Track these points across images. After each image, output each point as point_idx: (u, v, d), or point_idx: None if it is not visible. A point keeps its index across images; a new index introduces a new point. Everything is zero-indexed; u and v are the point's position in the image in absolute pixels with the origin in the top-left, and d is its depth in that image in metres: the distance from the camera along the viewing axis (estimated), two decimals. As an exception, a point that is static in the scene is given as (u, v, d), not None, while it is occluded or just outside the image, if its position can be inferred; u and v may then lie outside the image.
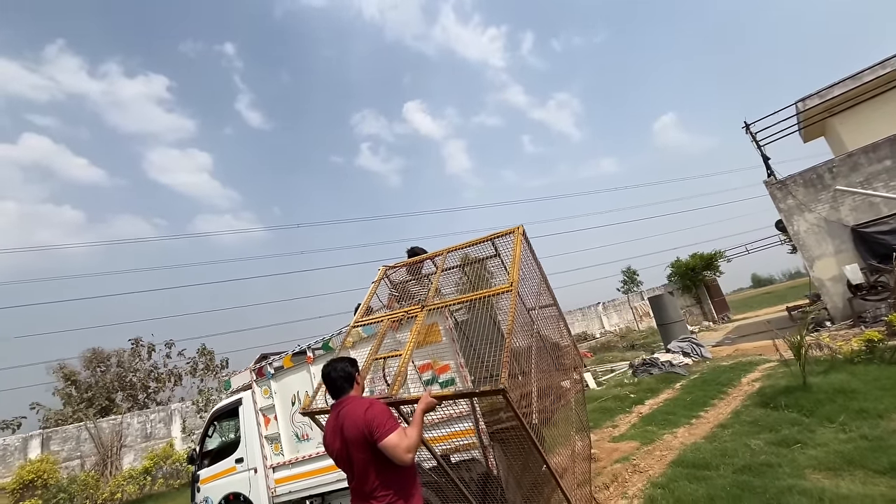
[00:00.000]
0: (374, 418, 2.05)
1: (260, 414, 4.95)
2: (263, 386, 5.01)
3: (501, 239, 3.97)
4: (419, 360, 4.16)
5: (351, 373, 2.32)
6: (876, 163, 9.45)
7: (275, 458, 4.83)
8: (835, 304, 9.76)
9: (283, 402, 4.86)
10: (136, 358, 19.22)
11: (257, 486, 4.86)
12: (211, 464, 5.46)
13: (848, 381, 5.16)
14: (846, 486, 3.12)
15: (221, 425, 5.85)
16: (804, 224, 10.21)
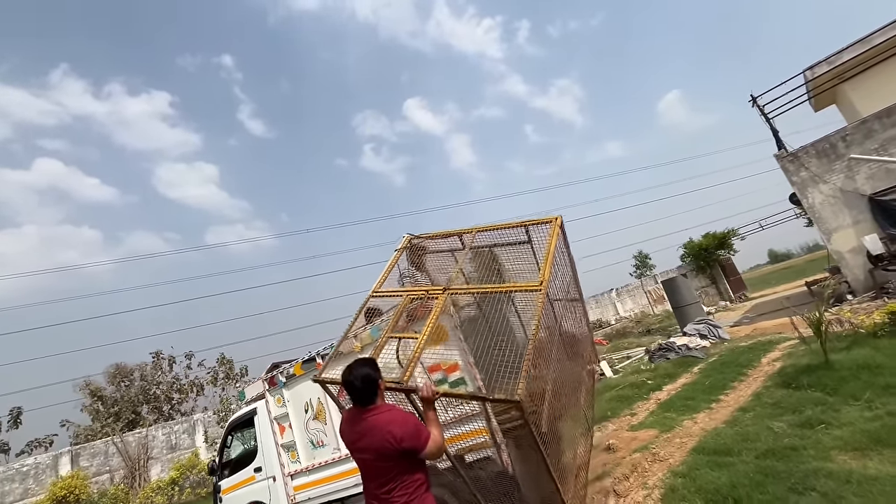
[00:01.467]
0: (410, 435, 2.10)
1: (275, 423, 4.99)
2: (276, 395, 5.04)
3: (536, 227, 3.75)
4: (428, 361, 4.13)
5: (375, 380, 2.25)
6: (891, 128, 9.12)
7: (292, 465, 4.86)
8: (855, 277, 9.48)
9: (297, 409, 4.89)
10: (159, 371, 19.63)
11: (277, 494, 4.90)
12: (231, 474, 5.53)
13: (872, 355, 5.00)
14: (874, 467, 3.01)
15: (239, 435, 5.91)
16: (819, 196, 9.92)
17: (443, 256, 4.26)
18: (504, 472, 3.63)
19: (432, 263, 4.39)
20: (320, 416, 4.68)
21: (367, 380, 2.22)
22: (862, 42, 11.26)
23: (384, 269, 3.90)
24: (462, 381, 3.93)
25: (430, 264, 4.39)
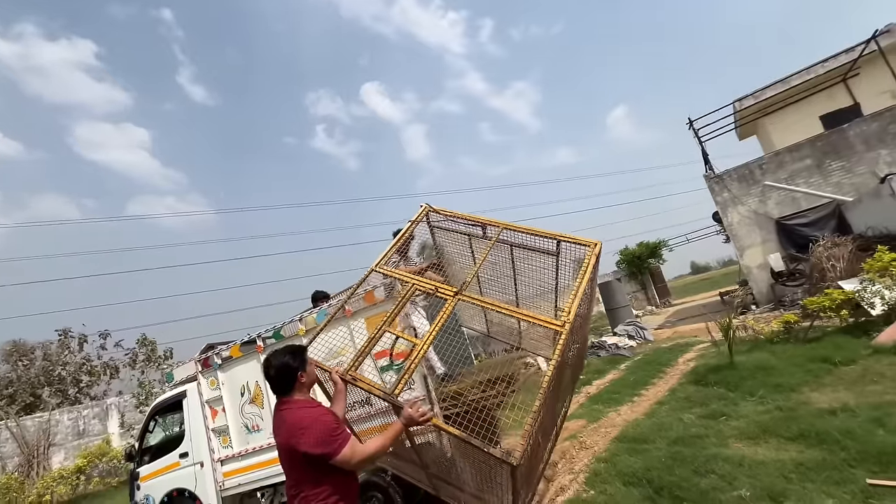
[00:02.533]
0: (318, 440, 1.86)
1: (207, 406, 4.74)
2: (210, 377, 4.79)
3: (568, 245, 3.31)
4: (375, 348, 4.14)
5: (290, 372, 2.04)
6: (798, 161, 10.36)
7: (223, 450, 4.66)
8: (760, 290, 10.70)
9: (232, 393, 4.68)
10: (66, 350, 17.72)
11: (204, 480, 4.68)
12: (152, 460, 5.18)
13: (767, 358, 5.71)
14: (762, 453, 3.47)
15: (163, 419, 5.54)
16: (737, 216, 11.06)
17: (453, 239, 3.91)
18: (444, 455, 3.75)
19: (444, 243, 4.02)
20: (257, 400, 4.52)
21: (282, 370, 2.04)
22: (782, 82, 12.66)
23: (392, 241, 3.46)
24: (408, 368, 3.99)
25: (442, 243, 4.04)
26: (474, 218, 3.56)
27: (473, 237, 3.75)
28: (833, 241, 8.07)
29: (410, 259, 4.60)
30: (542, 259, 3.56)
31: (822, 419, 3.68)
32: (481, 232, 3.56)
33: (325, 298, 5.37)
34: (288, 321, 4.65)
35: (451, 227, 3.84)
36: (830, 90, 12.09)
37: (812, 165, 10.21)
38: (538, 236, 3.31)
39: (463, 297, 2.86)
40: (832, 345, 5.53)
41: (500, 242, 3.41)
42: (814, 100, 12.19)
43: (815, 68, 12.10)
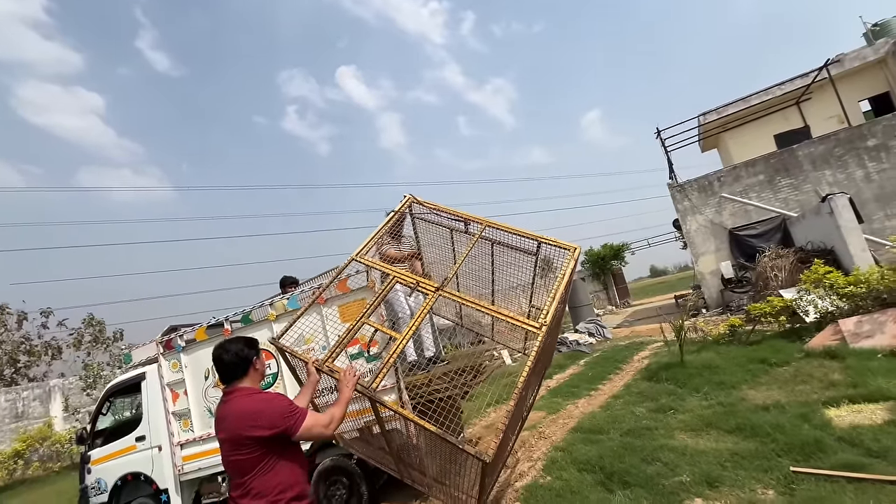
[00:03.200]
0: (274, 414, 1.83)
1: (167, 389, 4.62)
2: (172, 359, 4.67)
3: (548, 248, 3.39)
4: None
5: (246, 356, 2.00)
6: (752, 176, 11.08)
7: (183, 434, 4.57)
8: (711, 295, 11.42)
9: (195, 376, 4.59)
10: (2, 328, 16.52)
11: (161, 464, 4.58)
12: (105, 443, 5.00)
13: (713, 358, 6.15)
14: (703, 443, 3.79)
15: (118, 402, 5.35)
16: (695, 224, 11.71)
17: (433, 231, 3.97)
18: (409, 442, 3.85)
19: (423, 236, 4.10)
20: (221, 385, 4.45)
21: (238, 354, 1.99)
22: (743, 100, 13.43)
23: (374, 230, 3.46)
24: (380, 357, 4.05)
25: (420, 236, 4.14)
26: (457, 213, 3.61)
27: (455, 231, 3.85)
28: (777, 253, 8.73)
29: (402, 242, 4.64)
30: (520, 257, 3.68)
31: (757, 414, 4.04)
32: (463, 227, 3.65)
33: (293, 284, 5.33)
34: (257, 305, 4.60)
35: (433, 219, 3.91)
36: (785, 111, 12.94)
37: (764, 181, 10.94)
38: (519, 236, 3.39)
39: (444, 293, 2.91)
40: (770, 348, 6.03)
41: (482, 239, 3.49)
42: (770, 119, 13.03)
43: (772, 90, 12.92)
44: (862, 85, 12.85)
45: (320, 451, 4.19)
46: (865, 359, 4.85)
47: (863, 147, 9.73)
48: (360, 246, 3.39)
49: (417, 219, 4.11)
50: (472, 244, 3.37)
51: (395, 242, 4.25)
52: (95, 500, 4.82)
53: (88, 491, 4.86)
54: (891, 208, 9.51)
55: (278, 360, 4.35)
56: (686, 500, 2.97)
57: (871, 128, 9.79)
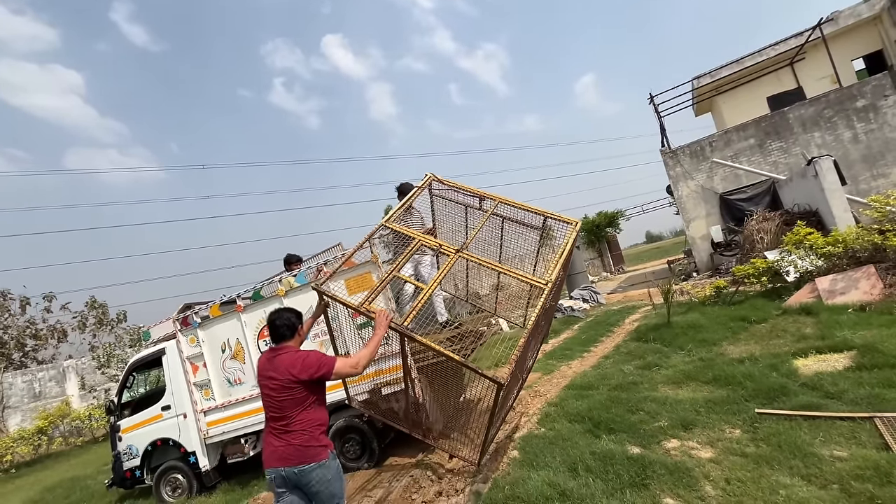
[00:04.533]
0: (313, 363, 2.37)
1: (187, 362, 4.96)
2: (189, 335, 4.98)
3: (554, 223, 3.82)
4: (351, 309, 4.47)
5: (294, 324, 2.59)
6: (744, 140, 11.20)
7: (205, 402, 4.93)
8: (701, 259, 11.77)
9: (213, 349, 4.91)
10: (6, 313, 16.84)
11: (188, 429, 4.97)
12: (132, 413, 5.39)
13: (698, 319, 6.53)
14: (682, 394, 4.17)
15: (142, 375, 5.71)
16: (686, 189, 11.91)
17: (447, 206, 4.33)
18: (416, 402, 4.22)
19: (439, 212, 4.45)
20: (238, 356, 4.78)
21: (289, 320, 2.57)
22: (737, 62, 13.33)
23: (400, 202, 3.91)
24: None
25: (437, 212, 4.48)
26: (472, 190, 3.93)
27: (469, 207, 4.15)
28: (764, 216, 9.00)
29: (412, 217, 4.95)
30: (525, 229, 4.02)
31: (732, 366, 4.42)
32: (478, 203, 3.96)
33: (298, 262, 5.59)
34: (266, 282, 4.87)
35: (450, 196, 4.19)
36: (778, 72, 12.90)
37: (755, 145, 11.07)
38: (527, 211, 3.77)
39: (463, 254, 3.30)
40: (751, 306, 6.39)
41: (494, 215, 3.85)
42: (763, 81, 12.99)
43: (766, 51, 12.82)
44: (856, 43, 12.76)
45: (335, 412, 4.57)
46: (837, 313, 5.21)
47: (852, 108, 9.83)
48: (388, 215, 3.77)
49: (435, 195, 4.36)
50: (486, 218, 3.69)
51: (408, 217, 4.53)
52: (128, 464, 5.26)
53: (121, 456, 5.29)
54: (877, 168, 9.72)
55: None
56: (663, 440, 3.35)
57: (861, 88, 9.86)
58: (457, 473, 3.88)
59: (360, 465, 4.44)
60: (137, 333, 15.72)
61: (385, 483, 4.07)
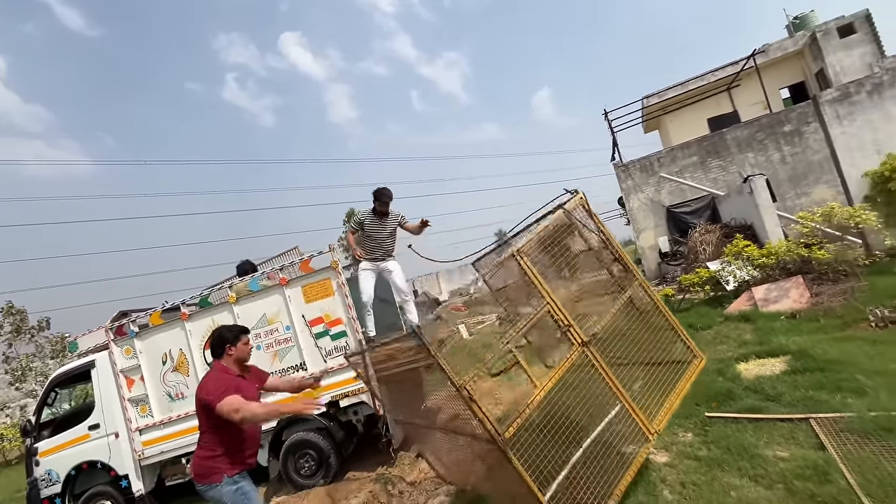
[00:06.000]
0: (207, 389, 2.38)
1: (121, 375, 4.50)
2: (125, 345, 4.54)
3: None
4: (310, 315, 4.26)
5: (223, 340, 2.55)
6: (687, 157, 11.97)
7: (141, 419, 4.50)
8: (650, 268, 12.40)
9: (152, 361, 4.50)
10: None
11: (119, 450, 4.51)
12: (53, 434, 4.81)
13: (649, 325, 6.83)
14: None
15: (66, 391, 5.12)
16: (637, 202, 12.53)
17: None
18: (376, 413, 4.07)
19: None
20: (181, 368, 4.41)
21: (218, 338, 2.59)
22: (681, 85, 14.29)
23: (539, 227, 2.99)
24: (344, 334, 4.19)
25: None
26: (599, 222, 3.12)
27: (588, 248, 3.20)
28: (706, 228, 9.63)
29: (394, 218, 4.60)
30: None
31: (682, 371, 4.63)
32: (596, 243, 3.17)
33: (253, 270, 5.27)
34: (215, 288, 4.54)
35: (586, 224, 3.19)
36: (718, 97, 13.94)
37: (697, 162, 11.86)
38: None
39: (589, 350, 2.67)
40: (697, 314, 6.78)
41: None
42: (705, 104, 13.99)
43: (707, 76, 13.84)
44: (783, 74, 14.07)
45: (287, 427, 4.31)
46: (771, 321, 5.62)
47: (780, 132, 10.78)
48: (523, 241, 2.85)
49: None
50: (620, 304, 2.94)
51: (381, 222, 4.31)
52: (47, 491, 4.67)
53: (38, 483, 4.69)
54: (800, 188, 10.70)
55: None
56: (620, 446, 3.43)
57: (788, 115, 10.84)
58: (417, 486, 3.77)
59: (315, 482, 4.21)
60: (62, 343, 14.23)
61: (342, 499, 3.88)
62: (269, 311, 4.36)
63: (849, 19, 13.00)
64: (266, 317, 4.36)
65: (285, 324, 4.30)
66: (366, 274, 4.81)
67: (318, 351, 4.24)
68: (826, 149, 9.90)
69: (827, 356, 4.18)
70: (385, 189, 4.62)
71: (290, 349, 4.31)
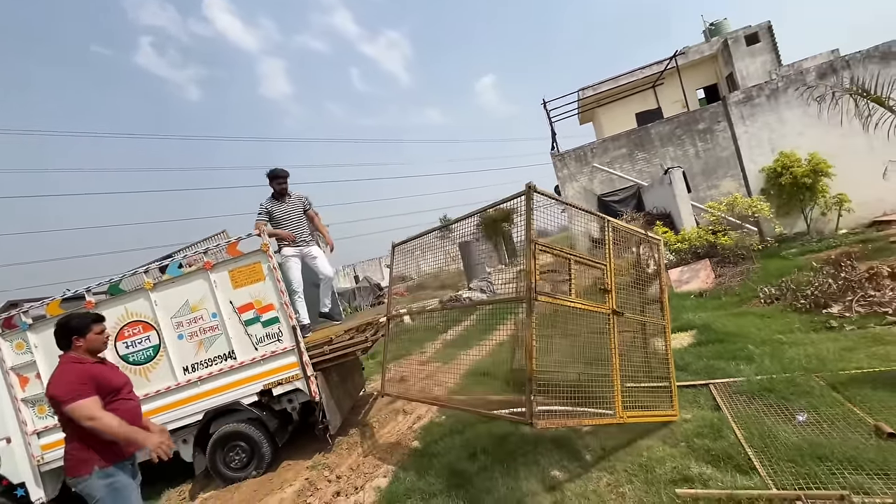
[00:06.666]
0: (54, 384, 2.23)
1: (12, 373, 3.97)
2: (16, 340, 4.00)
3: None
4: (239, 301, 4.02)
5: (69, 330, 2.36)
6: (617, 149, 12.75)
7: (39, 421, 4.02)
8: (581, 252, 13.16)
9: (50, 357, 4.00)
10: None
11: (13, 456, 4.00)
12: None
13: (579, 306, 7.29)
14: (566, 374, 4.60)
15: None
16: (571, 191, 13.17)
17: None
18: (312, 400, 3.97)
19: None
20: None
21: (60, 329, 2.38)
22: (613, 80, 15.10)
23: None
24: (276, 320, 4.01)
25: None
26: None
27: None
28: (631, 216, 10.38)
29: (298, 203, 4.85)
30: None
31: (606, 347, 5.01)
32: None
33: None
34: (128, 274, 4.13)
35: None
36: (644, 93, 14.94)
37: (626, 154, 12.69)
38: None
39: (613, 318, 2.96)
40: (621, 294, 7.33)
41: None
42: (633, 99, 14.94)
43: (636, 72, 14.74)
44: (700, 75, 15.39)
45: (214, 420, 4.07)
46: (683, 299, 6.23)
47: (695, 129, 11.82)
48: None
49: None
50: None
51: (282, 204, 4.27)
52: (-81, 509, 4.05)
53: None
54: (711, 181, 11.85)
55: (160, 333, 4.02)
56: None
57: (702, 114, 11.90)
58: (355, 471, 3.76)
59: (247, 474, 4.04)
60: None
61: (276, 489, 3.77)
62: (192, 297, 4.05)
63: (754, 29, 14.44)
64: (189, 304, 4.05)
65: (211, 311, 4.02)
66: (292, 262, 4.65)
67: (249, 339, 4.03)
68: (732, 146, 11.00)
69: (725, 329, 4.73)
70: (279, 169, 4.71)
71: (218, 337, 4.04)
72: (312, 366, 4.00)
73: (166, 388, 4.02)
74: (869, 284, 4.79)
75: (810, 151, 9.36)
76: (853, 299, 4.62)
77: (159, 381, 4.04)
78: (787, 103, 10.11)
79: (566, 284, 3.13)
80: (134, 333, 4.05)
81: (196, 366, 4.04)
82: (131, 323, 4.05)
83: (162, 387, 4.02)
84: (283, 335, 4.02)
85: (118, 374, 2.54)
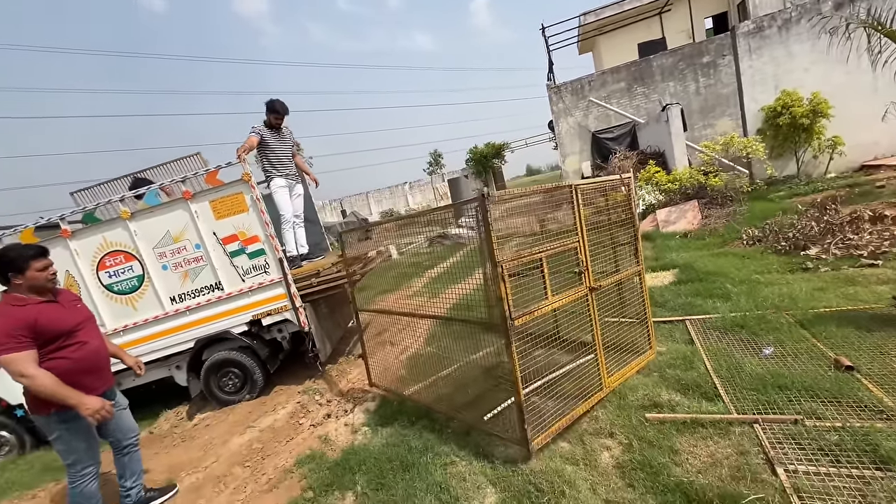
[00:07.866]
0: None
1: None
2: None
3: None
4: (223, 233, 3.94)
5: (4, 265, 2.18)
6: (616, 83, 12.18)
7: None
8: (571, 191, 13.07)
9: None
10: None
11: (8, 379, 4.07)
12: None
13: (566, 244, 7.37)
14: (550, 309, 4.75)
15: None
16: (566, 126, 12.75)
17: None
18: (301, 330, 4.06)
19: None
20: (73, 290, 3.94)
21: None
22: (618, 4, 14.03)
23: None
24: (262, 252, 3.97)
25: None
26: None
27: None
28: (625, 154, 10.20)
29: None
30: None
31: (590, 284, 5.13)
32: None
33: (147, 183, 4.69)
34: (103, 202, 3.96)
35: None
36: (649, 21, 13.98)
37: (624, 88, 12.15)
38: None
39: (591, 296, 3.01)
40: (607, 234, 7.40)
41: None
42: (637, 27, 13.99)
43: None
44: (710, 2, 14.34)
45: (206, 348, 4.17)
46: (668, 239, 6.32)
47: (699, 63, 11.26)
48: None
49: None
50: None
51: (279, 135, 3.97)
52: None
53: None
54: (707, 119, 11.54)
55: (143, 263, 3.95)
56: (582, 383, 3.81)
57: (708, 45, 11.27)
58: (345, 395, 3.95)
59: (241, 398, 4.23)
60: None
61: (269, 412, 3.97)
62: (173, 227, 3.94)
63: (774, -51, 13.26)
64: (171, 234, 3.95)
65: (194, 241, 3.94)
66: (283, 191, 4.51)
67: (235, 270, 4.00)
68: (735, 82, 10.59)
69: (706, 269, 4.86)
70: (282, 104, 4.49)
71: (203, 268, 4.01)
72: (301, 297, 4.04)
73: (154, 318, 4.04)
74: (849, 228, 4.89)
75: (813, 91, 9.08)
76: (832, 242, 4.73)
77: (147, 311, 4.05)
78: (798, 35, 9.61)
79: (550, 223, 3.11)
80: (116, 263, 3.98)
81: (183, 296, 4.04)
82: (112, 252, 3.96)
83: (150, 315, 4.04)
84: (270, 267, 3.99)
85: (72, 313, 2.34)
